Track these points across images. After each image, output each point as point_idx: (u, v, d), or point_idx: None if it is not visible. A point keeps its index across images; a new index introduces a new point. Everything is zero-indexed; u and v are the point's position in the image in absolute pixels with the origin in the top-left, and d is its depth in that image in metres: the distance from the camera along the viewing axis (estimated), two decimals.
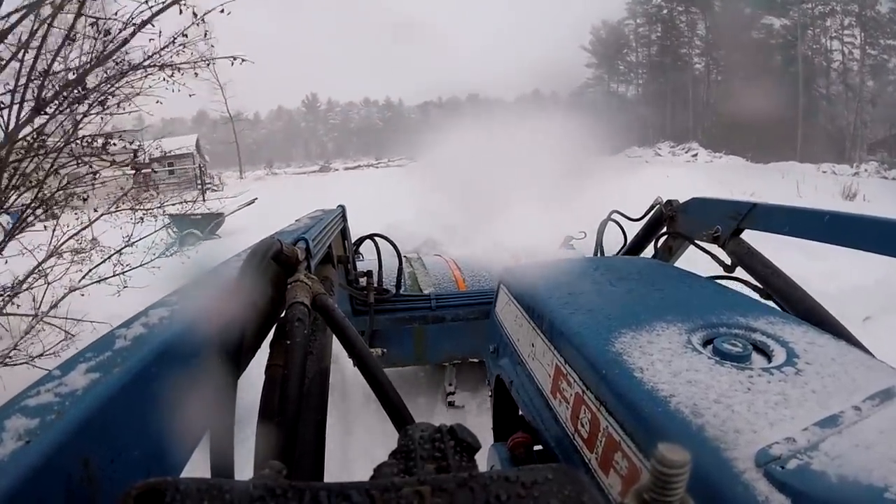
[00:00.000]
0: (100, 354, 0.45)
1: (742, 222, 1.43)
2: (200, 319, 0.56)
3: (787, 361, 0.77)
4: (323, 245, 1.25)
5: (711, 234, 1.52)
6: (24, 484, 0.31)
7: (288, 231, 1.12)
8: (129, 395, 0.41)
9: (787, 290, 1.24)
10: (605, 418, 0.79)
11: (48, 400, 0.38)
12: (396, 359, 2.63)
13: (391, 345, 2.56)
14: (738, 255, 1.43)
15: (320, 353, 0.83)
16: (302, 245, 0.88)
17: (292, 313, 0.65)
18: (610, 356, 0.84)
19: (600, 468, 0.79)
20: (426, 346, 2.61)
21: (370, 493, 0.25)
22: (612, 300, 1.09)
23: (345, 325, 0.71)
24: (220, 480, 0.26)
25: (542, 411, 1.04)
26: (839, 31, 23.40)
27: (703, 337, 0.87)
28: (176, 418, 0.47)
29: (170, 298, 0.60)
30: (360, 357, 0.67)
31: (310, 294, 0.71)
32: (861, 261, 2.64)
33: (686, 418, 0.66)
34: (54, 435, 0.34)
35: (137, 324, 0.52)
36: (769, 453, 0.57)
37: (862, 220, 1.18)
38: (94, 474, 0.36)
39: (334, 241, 1.62)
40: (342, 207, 1.94)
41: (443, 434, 0.34)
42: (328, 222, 1.43)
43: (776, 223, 1.36)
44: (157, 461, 0.44)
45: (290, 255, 0.76)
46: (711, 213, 1.58)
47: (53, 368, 0.43)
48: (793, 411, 0.64)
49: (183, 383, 0.49)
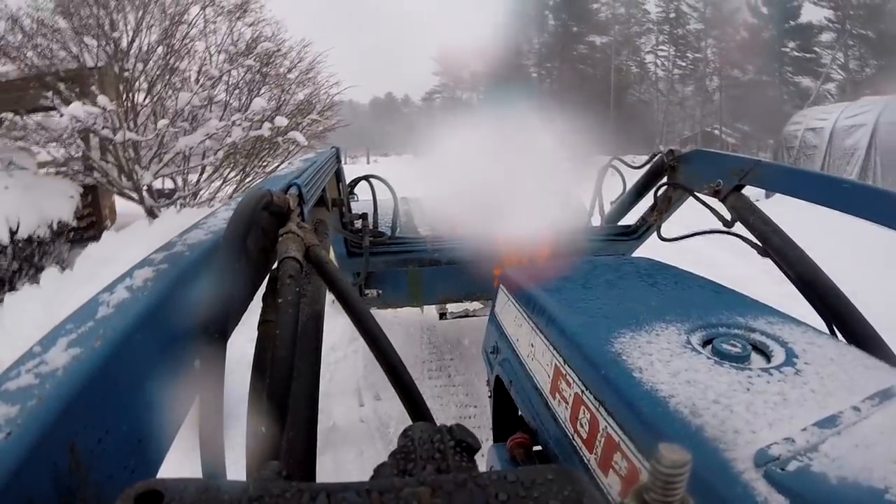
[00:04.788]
0: (81, 325, 0.42)
1: (744, 178, 1.41)
2: (187, 280, 0.53)
3: (787, 361, 0.76)
4: (317, 189, 1.21)
5: (712, 188, 1.50)
6: (7, 482, 0.29)
7: (280, 176, 1.07)
8: (113, 368, 0.39)
9: (786, 250, 1.23)
10: (604, 419, 0.79)
11: (28, 382, 0.35)
12: (392, 300, 2.66)
13: (386, 286, 2.58)
14: (738, 211, 1.41)
15: (314, 298, 0.80)
16: (294, 191, 0.85)
17: (284, 269, 0.63)
18: (609, 356, 0.84)
19: (599, 469, 0.79)
20: (421, 288, 2.64)
21: (369, 494, 0.25)
22: (611, 300, 1.09)
23: (338, 277, 0.70)
24: (220, 481, 0.26)
25: (542, 412, 1.04)
26: (654, 46, 30.63)
27: (702, 337, 0.87)
28: (164, 389, 0.45)
29: (155, 256, 0.57)
30: (353, 309, 0.66)
31: (302, 247, 0.69)
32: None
33: (685, 418, 0.65)
34: (37, 423, 0.32)
35: (121, 287, 0.49)
36: (768, 454, 0.57)
37: (864, 188, 1.18)
38: (80, 458, 0.34)
39: (329, 184, 1.57)
40: (336, 149, 1.91)
41: (442, 434, 0.34)
42: (321, 164, 1.38)
43: (779, 182, 1.35)
44: (145, 437, 0.42)
45: (282, 203, 0.74)
46: (713, 166, 1.56)
47: (34, 344, 0.40)
48: (792, 411, 0.64)
49: (170, 351, 0.47)
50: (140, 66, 5.60)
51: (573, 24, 30.32)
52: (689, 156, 1.74)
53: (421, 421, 0.42)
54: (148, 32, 5.66)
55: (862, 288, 1.51)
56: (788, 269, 1.21)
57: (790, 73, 26.09)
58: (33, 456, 0.31)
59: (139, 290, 0.48)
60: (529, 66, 31.87)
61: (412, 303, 2.78)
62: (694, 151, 1.73)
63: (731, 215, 1.44)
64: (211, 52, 6.14)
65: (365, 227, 2.30)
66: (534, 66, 31.91)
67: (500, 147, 2.28)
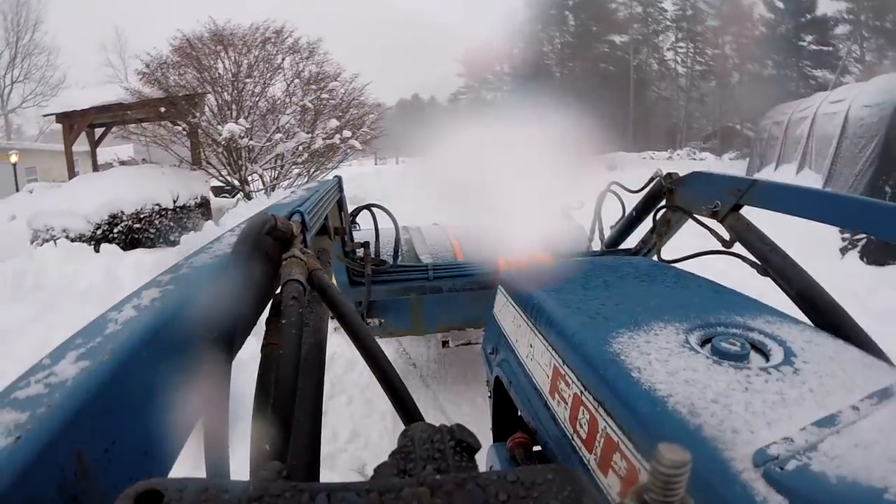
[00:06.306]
0: (90, 341, 0.43)
1: (742, 198, 1.43)
2: (194, 299, 0.54)
3: (785, 360, 0.76)
4: (319, 217, 1.22)
5: (710, 209, 1.51)
6: (15, 484, 0.30)
7: (283, 204, 1.09)
8: (121, 382, 0.40)
9: (785, 268, 1.23)
10: (604, 418, 0.79)
11: (38, 392, 0.37)
12: (394, 328, 2.64)
13: (388, 315, 2.56)
14: (736, 231, 1.42)
15: (317, 327, 0.81)
16: (297, 218, 0.86)
17: (287, 291, 0.64)
18: (608, 356, 0.84)
19: (599, 469, 0.79)
20: (423, 316, 2.62)
21: (369, 494, 0.24)
22: (609, 300, 1.09)
23: (340, 300, 0.70)
24: (220, 481, 0.25)
25: (541, 412, 1.03)
26: (674, 43, 30.54)
27: (700, 336, 0.87)
28: (170, 403, 0.45)
29: (162, 278, 0.58)
30: (355, 333, 0.66)
31: (305, 270, 0.70)
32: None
33: (684, 418, 0.65)
34: (46, 429, 0.33)
35: (128, 307, 0.50)
36: (767, 453, 0.57)
37: (861, 202, 1.19)
38: (87, 467, 0.35)
39: (331, 213, 1.59)
40: (338, 178, 1.92)
41: (442, 434, 0.34)
42: (324, 193, 1.40)
43: (777, 200, 1.36)
44: (151, 449, 0.43)
45: (285, 229, 0.75)
46: (711, 187, 1.58)
47: (43, 357, 0.41)
48: (791, 411, 0.64)
49: (176, 367, 0.48)
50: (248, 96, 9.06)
51: (593, 24, 30.46)
52: (686, 178, 1.76)
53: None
54: (254, 80, 9.04)
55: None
56: (788, 287, 1.21)
57: (809, 66, 25.68)
58: (41, 460, 0.31)
59: (146, 309, 0.50)
60: (552, 65, 32.03)
61: (414, 331, 2.75)
62: (691, 174, 1.75)
63: (730, 235, 1.45)
64: (291, 86, 9.40)
65: (367, 255, 2.30)
66: (556, 65, 32.04)
67: (509, 160, 2.26)
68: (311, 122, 9.24)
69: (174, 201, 7.65)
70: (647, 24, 30.48)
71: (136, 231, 7.08)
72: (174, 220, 7.52)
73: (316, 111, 9.22)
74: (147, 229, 7.18)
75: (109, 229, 6.83)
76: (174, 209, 7.64)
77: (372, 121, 10.40)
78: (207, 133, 8.73)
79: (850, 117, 6.78)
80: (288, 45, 9.32)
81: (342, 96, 9.83)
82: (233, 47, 8.91)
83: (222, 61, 8.91)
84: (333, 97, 9.59)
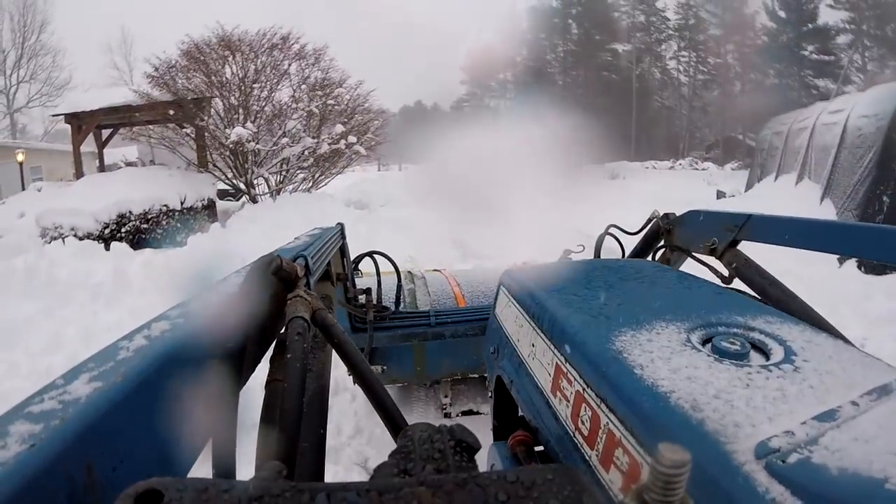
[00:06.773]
0: (102, 364, 0.45)
1: (738, 233, 1.44)
2: (202, 333, 0.56)
3: (785, 359, 0.77)
4: (322, 262, 1.25)
5: (708, 246, 1.53)
6: (27, 487, 0.31)
7: (287, 248, 1.12)
8: (131, 403, 0.42)
9: (786, 300, 1.24)
10: (606, 415, 0.79)
11: (52, 407, 0.39)
12: (396, 375, 2.62)
13: (391, 361, 2.55)
14: (735, 266, 1.43)
15: (320, 369, 0.84)
16: (301, 262, 0.88)
17: (292, 328, 0.66)
18: (610, 354, 0.84)
19: (601, 465, 0.79)
20: (426, 363, 2.60)
21: (369, 494, 0.25)
22: (612, 300, 1.09)
23: (344, 339, 0.72)
24: (220, 481, 0.26)
25: (543, 410, 1.04)
26: (676, 52, 30.85)
27: (701, 336, 0.87)
28: (179, 428, 0.47)
29: (171, 312, 0.60)
30: (360, 372, 0.68)
31: (309, 309, 0.72)
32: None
33: (686, 413, 0.66)
34: (58, 440, 0.35)
35: (140, 336, 0.52)
36: (768, 446, 0.58)
37: (858, 227, 1.19)
38: (97, 480, 0.36)
39: (333, 259, 1.62)
40: (341, 225, 1.94)
41: (442, 434, 0.34)
42: (327, 240, 1.43)
43: (772, 234, 1.37)
44: (159, 470, 0.44)
45: (290, 270, 0.77)
46: (708, 224, 1.59)
47: (56, 378, 0.43)
48: (791, 406, 0.65)
49: (185, 395, 0.50)
50: (255, 101, 9.13)
51: (595, 33, 30.60)
52: (683, 218, 1.77)
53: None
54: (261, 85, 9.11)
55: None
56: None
57: (811, 75, 25.74)
58: (53, 468, 0.33)
59: (157, 339, 0.52)
60: (555, 73, 32.14)
61: (417, 378, 2.72)
62: (688, 213, 1.76)
63: (729, 271, 1.46)
64: (297, 92, 9.50)
65: (369, 301, 2.31)
66: (559, 73, 32.17)
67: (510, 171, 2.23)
68: (317, 128, 9.39)
69: (181, 203, 7.90)
70: (649, 33, 30.60)
71: (144, 231, 7.23)
72: (181, 222, 7.75)
73: (322, 116, 9.37)
74: (154, 230, 7.38)
75: (118, 229, 6.98)
76: (181, 210, 7.87)
77: (376, 127, 10.55)
78: (214, 136, 8.89)
79: (848, 127, 6.79)
80: (294, 52, 9.49)
81: (347, 102, 9.96)
82: (240, 52, 9.09)
83: (230, 66, 9.10)
84: (339, 103, 9.74)
